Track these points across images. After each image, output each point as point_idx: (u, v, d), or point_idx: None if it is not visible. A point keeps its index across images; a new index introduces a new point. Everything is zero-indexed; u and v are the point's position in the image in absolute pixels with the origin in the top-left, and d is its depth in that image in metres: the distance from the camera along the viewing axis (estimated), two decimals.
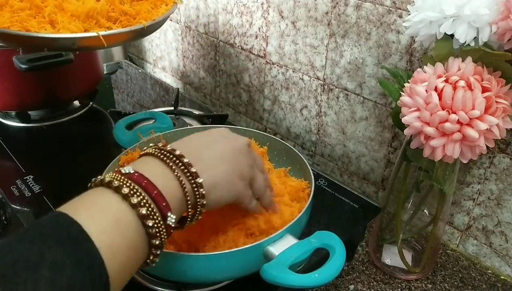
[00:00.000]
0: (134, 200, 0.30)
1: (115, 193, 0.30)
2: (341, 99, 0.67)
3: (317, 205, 0.55)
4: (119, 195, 0.30)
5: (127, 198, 0.30)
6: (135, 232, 0.30)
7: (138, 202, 0.30)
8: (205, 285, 0.45)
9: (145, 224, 0.30)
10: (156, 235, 0.31)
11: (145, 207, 0.30)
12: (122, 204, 0.30)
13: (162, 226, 0.31)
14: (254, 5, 0.74)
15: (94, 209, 0.29)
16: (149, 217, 0.30)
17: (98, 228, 0.28)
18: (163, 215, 0.31)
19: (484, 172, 0.55)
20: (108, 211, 0.29)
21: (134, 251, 0.30)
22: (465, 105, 0.38)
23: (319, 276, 0.37)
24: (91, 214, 0.29)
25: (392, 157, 0.64)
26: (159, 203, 0.31)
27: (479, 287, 0.56)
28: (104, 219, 0.29)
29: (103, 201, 0.30)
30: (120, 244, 0.29)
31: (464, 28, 0.39)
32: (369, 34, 0.59)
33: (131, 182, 0.31)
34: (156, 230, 0.31)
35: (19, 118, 0.77)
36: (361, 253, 0.60)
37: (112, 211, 0.29)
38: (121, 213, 0.30)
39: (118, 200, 0.30)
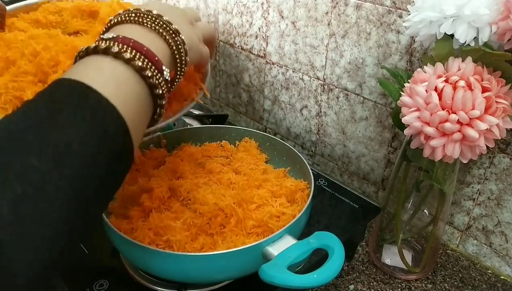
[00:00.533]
0: (127, 56, 0.30)
1: (106, 55, 0.30)
2: (341, 99, 0.67)
3: (317, 205, 0.55)
4: (110, 56, 0.30)
5: (119, 55, 0.30)
6: (136, 84, 0.31)
7: (131, 57, 0.30)
8: (204, 285, 0.45)
9: (144, 75, 0.31)
10: (156, 85, 0.32)
11: (139, 60, 0.31)
12: (116, 62, 0.30)
13: (160, 77, 0.32)
14: (254, 5, 0.74)
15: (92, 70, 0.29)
16: (146, 68, 0.31)
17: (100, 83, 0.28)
18: (159, 69, 0.32)
19: (484, 172, 0.55)
20: (106, 70, 0.30)
21: (140, 101, 0.31)
22: (465, 105, 0.38)
23: (318, 277, 0.37)
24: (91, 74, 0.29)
25: (392, 157, 0.64)
26: (151, 58, 0.31)
27: (479, 287, 0.56)
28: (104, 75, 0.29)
29: (98, 63, 0.30)
30: (125, 95, 0.29)
31: (464, 28, 0.39)
32: (369, 34, 0.59)
33: (118, 43, 0.31)
34: (155, 79, 0.31)
35: None
36: (361, 253, 0.60)
37: (109, 69, 0.30)
38: (118, 69, 0.30)
39: (111, 60, 0.30)
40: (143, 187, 0.48)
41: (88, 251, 0.48)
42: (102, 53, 0.30)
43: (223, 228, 0.45)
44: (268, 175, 0.53)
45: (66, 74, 0.29)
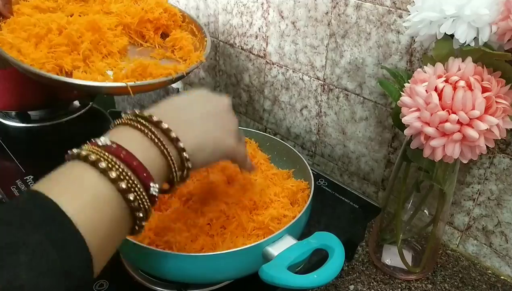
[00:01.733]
0: (112, 175, 0.28)
1: (93, 167, 0.29)
2: (341, 99, 0.67)
3: (317, 205, 0.55)
4: (96, 170, 0.28)
5: (106, 172, 0.28)
6: (115, 207, 0.29)
7: (117, 176, 0.28)
8: (204, 285, 0.45)
9: (126, 198, 0.29)
10: (139, 207, 0.30)
11: (124, 180, 0.29)
12: (100, 179, 0.28)
13: (145, 197, 0.30)
14: (254, 5, 0.74)
15: (71, 186, 0.28)
16: (130, 190, 0.29)
17: (75, 206, 0.27)
18: (145, 186, 0.30)
19: (484, 172, 0.55)
20: (85, 188, 0.28)
21: (116, 225, 0.29)
22: (465, 106, 0.38)
23: (318, 277, 0.37)
24: (68, 192, 0.27)
25: (392, 157, 0.64)
26: (139, 174, 0.30)
27: (479, 287, 0.56)
28: (82, 197, 0.27)
29: (80, 177, 0.29)
30: (101, 220, 0.28)
31: (464, 28, 0.39)
32: (369, 34, 0.59)
33: (108, 155, 0.29)
34: (138, 202, 0.30)
35: (19, 118, 0.77)
36: (361, 253, 0.60)
37: (90, 187, 0.28)
38: (100, 189, 0.28)
39: (95, 175, 0.28)
40: None
41: None
42: (90, 164, 0.29)
43: (223, 229, 0.44)
44: (271, 176, 0.53)
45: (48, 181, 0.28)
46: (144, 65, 0.53)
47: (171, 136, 0.33)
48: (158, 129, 0.33)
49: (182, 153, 0.33)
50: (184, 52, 0.62)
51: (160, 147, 0.32)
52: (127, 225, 0.30)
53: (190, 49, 0.63)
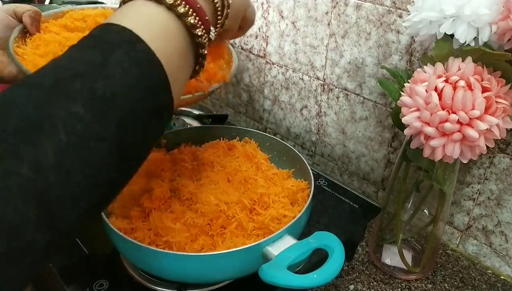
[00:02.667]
0: (181, 9, 0.30)
1: (159, 3, 0.30)
2: (341, 99, 0.67)
3: (317, 205, 0.55)
4: (163, 5, 0.30)
5: (173, 8, 0.30)
6: (183, 41, 0.31)
7: (185, 12, 0.30)
8: (204, 285, 0.45)
9: (194, 33, 0.31)
10: (203, 44, 0.32)
11: (192, 16, 0.30)
12: (168, 14, 0.30)
13: (207, 36, 0.32)
14: (254, 5, 0.74)
15: (142, 18, 0.29)
16: (196, 26, 0.31)
17: (149, 34, 0.28)
18: (206, 28, 0.32)
19: (484, 172, 0.55)
20: (156, 20, 0.29)
21: (184, 59, 0.31)
22: (465, 105, 0.38)
23: (318, 277, 0.37)
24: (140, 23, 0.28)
25: (392, 157, 0.64)
26: (202, 16, 0.31)
27: (479, 287, 0.56)
28: (154, 27, 0.29)
29: (149, 11, 0.30)
30: (172, 50, 0.29)
31: (464, 28, 0.39)
32: (369, 34, 0.59)
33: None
34: (203, 39, 0.31)
35: None
36: (361, 253, 0.60)
37: (160, 19, 0.29)
38: (169, 22, 0.30)
39: (163, 10, 0.30)
40: (143, 187, 0.48)
41: (88, 251, 0.48)
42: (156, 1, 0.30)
43: (223, 229, 0.44)
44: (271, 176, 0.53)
45: (114, 17, 0.29)
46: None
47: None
48: None
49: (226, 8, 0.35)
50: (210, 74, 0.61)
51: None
52: (191, 61, 0.32)
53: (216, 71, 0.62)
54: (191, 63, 0.33)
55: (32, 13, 0.52)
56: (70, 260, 0.48)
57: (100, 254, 0.49)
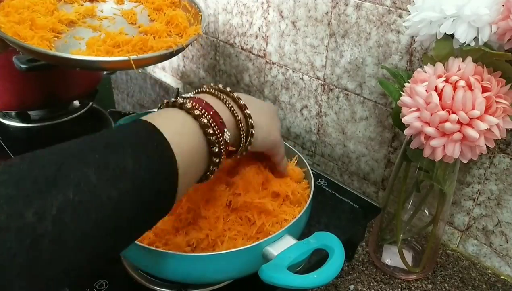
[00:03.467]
0: (196, 112, 0.35)
1: (181, 109, 0.36)
2: (341, 99, 0.67)
3: (317, 205, 0.55)
4: (183, 110, 0.36)
5: (191, 111, 0.35)
6: (198, 139, 0.35)
7: (200, 114, 0.35)
8: (204, 285, 0.45)
9: (206, 131, 0.35)
10: (215, 142, 0.36)
11: (206, 118, 0.35)
12: (187, 116, 0.35)
13: (221, 137, 0.36)
14: (254, 5, 0.74)
15: (166, 118, 0.35)
16: (209, 126, 0.35)
17: (169, 129, 0.33)
18: (221, 129, 0.36)
19: (484, 172, 0.55)
20: (176, 120, 0.35)
21: (197, 155, 0.35)
22: (465, 105, 0.38)
23: (318, 277, 0.37)
24: (164, 121, 0.34)
25: (392, 157, 0.64)
26: (216, 119, 0.36)
27: (479, 287, 0.56)
28: (173, 124, 0.34)
29: (172, 113, 0.35)
30: (186, 145, 0.34)
31: (464, 28, 0.39)
32: (369, 34, 0.59)
33: (192, 101, 0.36)
34: (215, 137, 0.36)
35: (19, 118, 0.77)
36: (361, 253, 0.60)
37: (180, 120, 0.35)
38: (187, 122, 0.35)
39: (183, 113, 0.35)
40: None
41: None
42: (178, 107, 0.36)
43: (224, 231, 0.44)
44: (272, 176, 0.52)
45: (146, 117, 0.34)
46: (144, 39, 0.54)
47: (240, 104, 0.40)
48: (229, 98, 0.40)
49: (248, 118, 0.40)
50: (180, 28, 0.64)
51: (230, 108, 0.39)
52: (204, 161, 0.36)
53: (186, 25, 0.64)
54: (204, 162, 0.36)
55: None
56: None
57: None
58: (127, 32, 0.60)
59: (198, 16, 0.67)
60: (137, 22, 0.65)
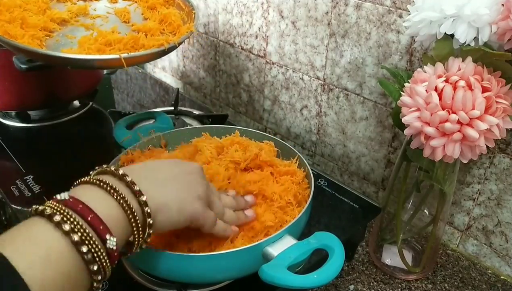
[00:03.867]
0: (66, 227, 0.28)
1: (48, 222, 0.29)
2: (341, 99, 0.67)
3: (317, 205, 0.55)
4: (51, 224, 0.29)
5: (59, 225, 0.28)
6: (69, 262, 0.29)
7: (70, 229, 0.29)
8: (204, 285, 0.45)
9: (79, 250, 0.29)
10: (93, 260, 0.29)
11: (78, 232, 0.29)
12: (54, 233, 0.28)
13: (101, 250, 0.30)
14: (254, 5, 0.74)
15: (24, 241, 0.28)
16: (84, 242, 0.29)
17: (26, 262, 0.26)
18: (102, 238, 0.30)
19: (484, 172, 0.55)
20: (38, 243, 0.28)
21: (70, 282, 0.29)
22: (465, 105, 0.38)
23: (318, 277, 0.37)
24: (19, 248, 0.27)
25: (392, 157, 0.64)
26: (95, 227, 0.30)
27: (479, 287, 0.56)
28: (33, 252, 0.27)
29: (35, 232, 0.29)
30: (53, 277, 0.27)
31: (464, 28, 0.39)
32: (369, 34, 0.59)
33: (64, 208, 0.29)
34: (93, 254, 0.29)
35: (19, 118, 0.77)
36: (361, 253, 0.60)
37: (43, 242, 0.28)
38: (53, 243, 0.28)
39: (50, 229, 0.29)
40: None
41: None
42: (47, 218, 0.29)
43: None
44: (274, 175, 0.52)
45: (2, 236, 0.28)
46: (136, 37, 0.54)
47: (134, 189, 0.33)
48: (122, 183, 0.34)
49: (144, 207, 0.34)
50: (174, 27, 0.64)
51: (118, 200, 0.32)
52: (82, 281, 0.30)
53: (179, 23, 0.65)
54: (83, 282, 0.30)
55: None
56: None
57: None
58: (119, 31, 0.59)
59: (191, 14, 0.67)
60: (130, 21, 0.65)
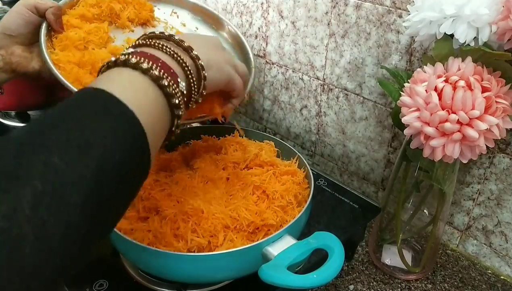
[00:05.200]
0: (144, 66, 0.32)
1: (125, 66, 0.32)
2: (341, 99, 0.67)
3: (317, 205, 0.55)
4: (129, 67, 0.32)
5: (137, 66, 0.32)
6: (153, 93, 0.32)
7: (148, 67, 0.32)
8: (204, 285, 0.45)
9: (160, 84, 0.32)
10: (173, 94, 0.33)
11: (156, 70, 0.32)
12: (134, 72, 0.32)
13: (176, 88, 0.33)
14: (254, 5, 0.74)
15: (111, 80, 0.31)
16: (162, 77, 0.32)
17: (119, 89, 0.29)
18: (174, 80, 0.33)
19: (484, 172, 0.55)
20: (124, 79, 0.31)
21: (157, 110, 0.32)
22: (465, 105, 0.38)
23: (318, 277, 0.37)
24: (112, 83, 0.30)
25: (392, 157, 0.64)
26: (167, 70, 0.33)
27: (479, 287, 0.56)
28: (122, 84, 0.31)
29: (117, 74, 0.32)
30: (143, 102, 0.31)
31: (464, 28, 0.39)
32: (369, 34, 0.59)
33: (136, 55, 0.33)
34: (171, 89, 0.33)
35: (19, 118, 0.77)
36: (361, 253, 0.60)
37: (128, 78, 0.31)
38: (137, 79, 0.32)
39: (130, 70, 0.32)
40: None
41: None
42: (122, 65, 0.32)
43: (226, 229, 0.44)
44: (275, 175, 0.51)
45: (89, 85, 0.30)
46: None
47: (184, 46, 0.37)
48: (170, 43, 0.36)
49: (196, 60, 0.37)
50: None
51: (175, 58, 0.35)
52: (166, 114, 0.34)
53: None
54: (167, 116, 0.34)
55: (55, 9, 0.52)
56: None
57: (100, 254, 0.49)
58: None
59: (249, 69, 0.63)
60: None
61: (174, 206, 0.45)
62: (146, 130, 0.30)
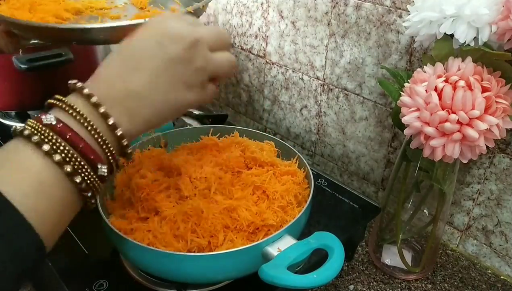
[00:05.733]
0: (56, 158, 0.27)
1: (36, 149, 0.27)
2: (341, 99, 0.67)
3: (317, 205, 0.55)
4: (40, 152, 0.27)
5: (50, 155, 0.27)
6: (62, 190, 0.28)
7: (62, 159, 0.27)
8: (204, 285, 0.45)
9: (73, 180, 0.28)
10: (88, 188, 0.29)
11: (70, 163, 0.27)
12: (44, 162, 0.27)
13: (94, 178, 0.29)
14: (254, 5, 0.74)
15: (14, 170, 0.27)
16: (77, 173, 0.28)
17: (20, 192, 0.26)
18: (94, 168, 0.29)
19: (484, 172, 0.55)
20: (29, 172, 0.27)
21: (65, 207, 0.28)
22: (465, 105, 0.38)
23: (318, 277, 0.37)
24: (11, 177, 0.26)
25: (392, 157, 0.64)
26: (87, 156, 0.28)
27: (479, 287, 0.56)
28: (26, 182, 0.26)
29: (23, 160, 0.27)
30: (48, 205, 0.27)
31: (464, 28, 0.39)
32: (369, 34, 0.59)
33: (53, 135, 0.27)
34: (86, 183, 0.28)
35: (19, 118, 0.77)
36: (361, 253, 0.60)
37: (34, 171, 0.27)
38: (44, 173, 0.27)
39: (39, 157, 0.27)
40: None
41: (88, 251, 0.48)
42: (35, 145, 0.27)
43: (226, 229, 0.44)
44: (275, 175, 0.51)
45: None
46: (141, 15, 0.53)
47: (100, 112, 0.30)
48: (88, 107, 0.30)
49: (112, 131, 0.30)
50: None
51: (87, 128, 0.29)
52: (76, 205, 0.30)
53: None
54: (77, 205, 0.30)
55: None
56: (70, 260, 0.48)
57: (100, 254, 0.49)
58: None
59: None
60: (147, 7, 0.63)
61: (174, 206, 0.45)
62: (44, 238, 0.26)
